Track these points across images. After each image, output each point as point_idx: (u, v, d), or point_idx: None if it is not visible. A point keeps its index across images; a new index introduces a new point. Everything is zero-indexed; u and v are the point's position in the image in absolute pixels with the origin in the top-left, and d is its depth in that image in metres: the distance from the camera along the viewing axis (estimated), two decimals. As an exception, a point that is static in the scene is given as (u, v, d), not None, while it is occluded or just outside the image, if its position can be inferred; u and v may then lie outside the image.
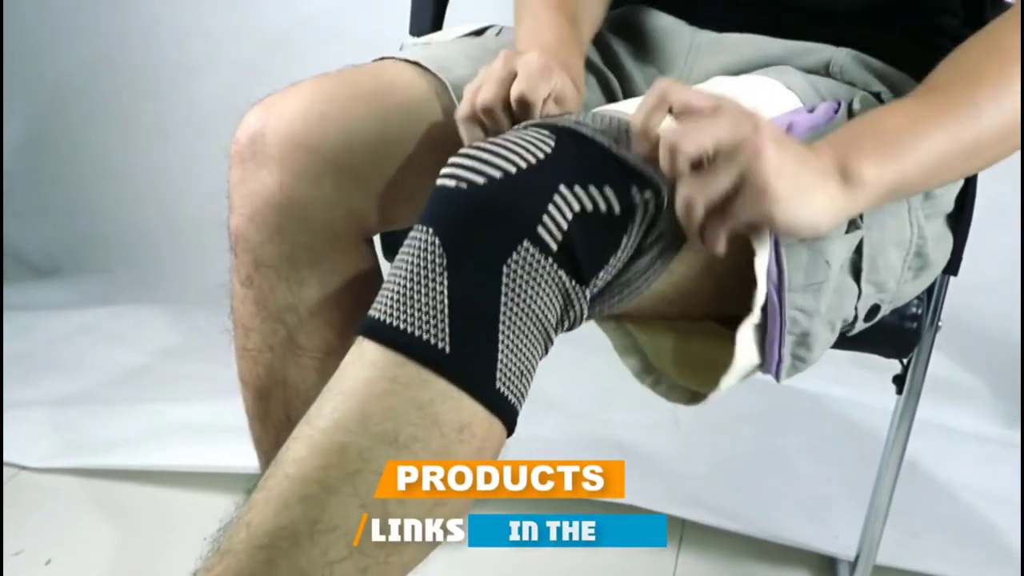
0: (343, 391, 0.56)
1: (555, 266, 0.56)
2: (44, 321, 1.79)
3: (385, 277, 0.60)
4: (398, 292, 0.56)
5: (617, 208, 0.57)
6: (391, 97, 0.82)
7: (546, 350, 0.59)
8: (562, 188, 0.56)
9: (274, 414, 0.84)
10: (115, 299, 1.92)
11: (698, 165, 0.57)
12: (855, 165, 0.61)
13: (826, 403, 1.64)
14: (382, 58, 0.86)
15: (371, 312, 0.57)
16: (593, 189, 0.57)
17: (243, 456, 0.89)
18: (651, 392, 0.80)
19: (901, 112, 0.65)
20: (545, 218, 0.55)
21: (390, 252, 0.99)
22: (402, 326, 0.55)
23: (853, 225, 0.69)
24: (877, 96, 0.78)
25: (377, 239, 0.89)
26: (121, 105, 2.02)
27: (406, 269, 0.56)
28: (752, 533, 1.26)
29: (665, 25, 0.91)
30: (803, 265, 0.66)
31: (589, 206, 0.56)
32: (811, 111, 0.72)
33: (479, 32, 0.92)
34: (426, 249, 0.56)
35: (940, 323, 0.93)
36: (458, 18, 1.02)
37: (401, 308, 0.55)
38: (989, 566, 1.27)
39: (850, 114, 0.74)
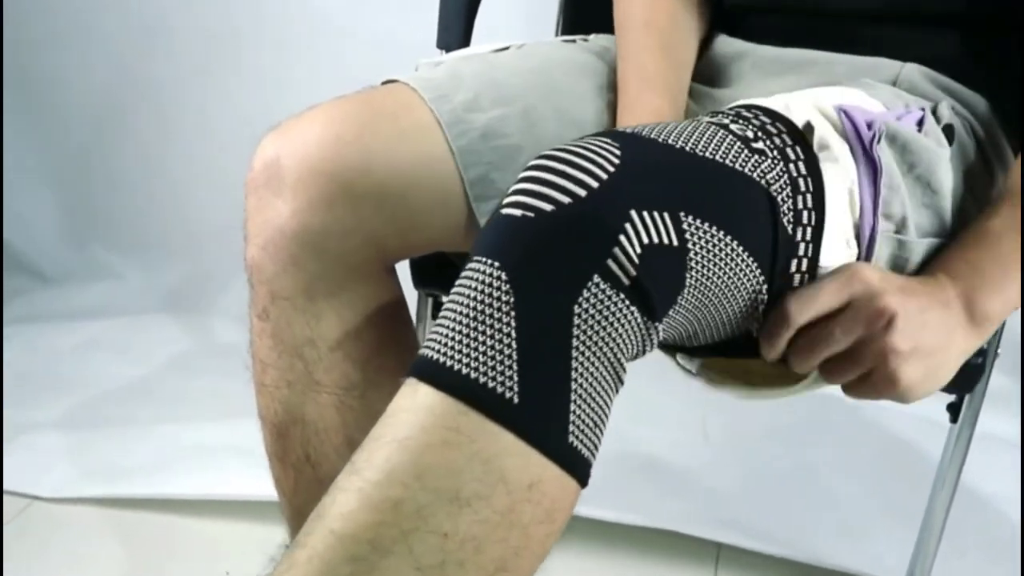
0: (396, 439, 0.50)
1: (627, 302, 0.51)
2: (50, 334, 1.75)
3: (414, 308, 0.56)
4: (458, 331, 0.50)
5: (676, 241, 0.52)
6: (409, 116, 0.78)
7: (617, 390, 0.54)
8: (632, 215, 0.51)
9: (293, 453, 0.80)
10: (124, 308, 1.88)
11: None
12: (983, 304, 0.62)
13: (860, 412, 1.58)
14: (391, 80, 0.83)
15: (425, 351, 0.52)
16: (663, 217, 0.51)
17: (265, 483, 0.84)
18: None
19: (1010, 228, 0.65)
20: (616, 250, 0.50)
21: (420, 282, 0.95)
22: (464, 370, 0.49)
23: None
24: (960, 115, 0.75)
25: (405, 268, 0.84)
26: (128, 107, 1.98)
27: (467, 305, 0.51)
28: (791, 556, 1.21)
29: (726, 47, 0.87)
30: None
31: (656, 238, 0.51)
32: (898, 118, 0.67)
33: (503, 50, 0.88)
34: (491, 284, 0.50)
35: (999, 351, 0.87)
36: (486, 33, 0.98)
37: (462, 349, 0.50)
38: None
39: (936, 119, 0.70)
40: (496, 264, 0.50)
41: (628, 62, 0.83)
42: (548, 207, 0.51)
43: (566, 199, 0.51)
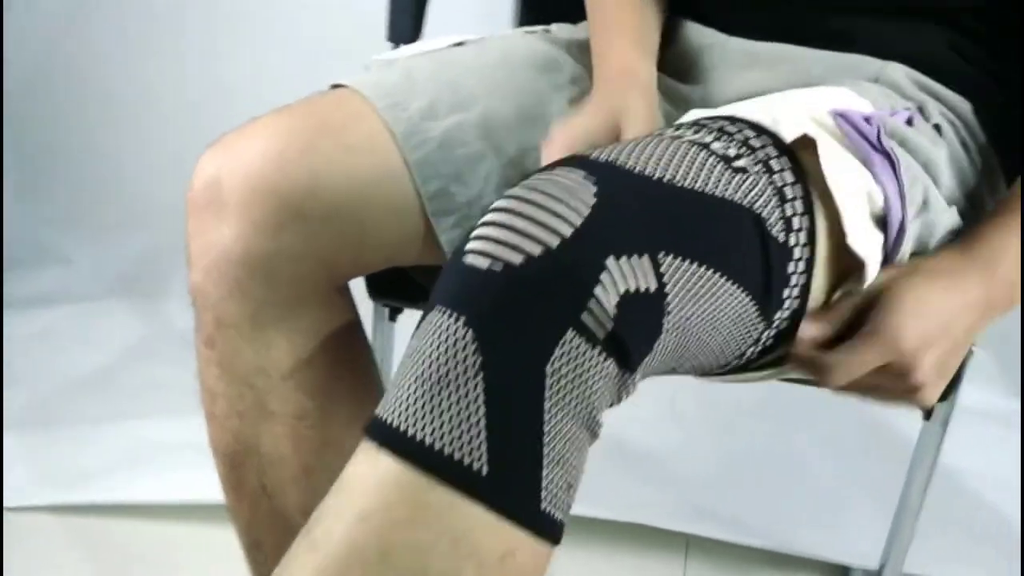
0: (359, 514, 0.47)
1: (602, 356, 0.47)
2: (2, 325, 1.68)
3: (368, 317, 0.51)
4: (420, 394, 0.47)
5: (654, 286, 0.49)
6: (359, 128, 0.74)
7: (592, 443, 0.51)
8: (608, 263, 0.47)
9: (248, 484, 0.77)
10: (75, 294, 1.80)
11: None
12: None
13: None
14: (339, 85, 0.78)
15: (384, 414, 0.48)
16: (641, 261, 0.48)
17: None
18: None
19: None
20: (591, 303, 0.46)
21: (376, 293, 0.91)
22: (428, 439, 0.46)
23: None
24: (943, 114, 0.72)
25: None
26: (69, 85, 1.91)
27: (430, 366, 0.47)
28: (762, 545, 1.20)
29: (695, 38, 0.83)
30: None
31: (633, 286, 0.47)
32: (891, 115, 0.65)
33: (460, 44, 0.83)
34: (455, 344, 0.46)
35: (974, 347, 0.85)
36: (438, 27, 0.93)
37: (426, 416, 0.46)
38: (998, 565, 1.22)
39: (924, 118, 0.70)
40: (462, 319, 0.47)
41: (596, 12, 0.80)
42: (518, 258, 0.47)
43: (537, 249, 0.47)
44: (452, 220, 0.75)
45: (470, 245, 0.48)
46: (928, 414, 0.92)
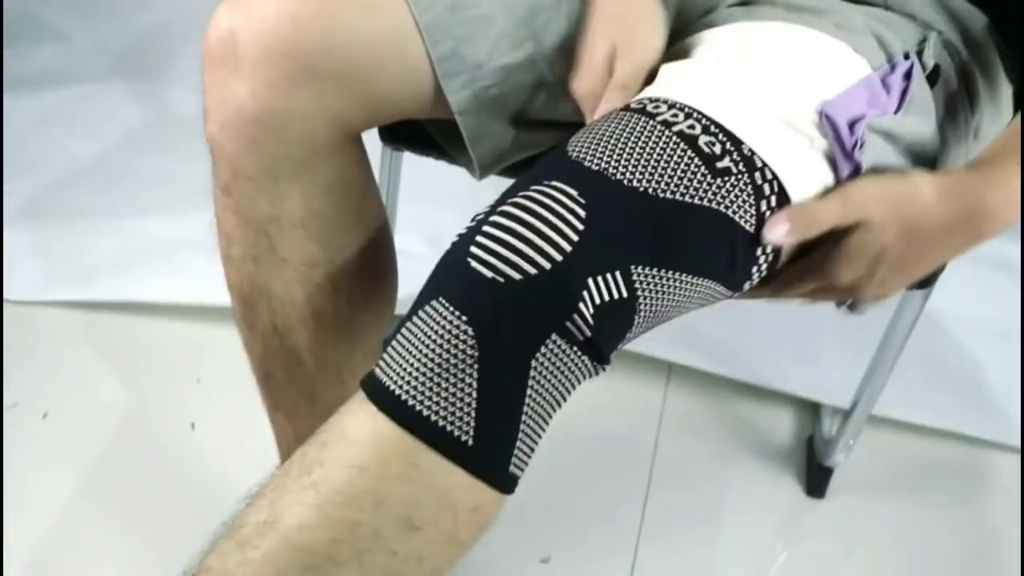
0: (358, 466, 0.55)
1: (579, 353, 0.56)
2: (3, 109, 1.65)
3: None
4: (422, 372, 0.55)
5: (626, 293, 0.56)
6: None
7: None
8: (589, 282, 0.55)
9: (261, 322, 0.82)
10: (73, 75, 1.76)
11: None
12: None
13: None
14: None
15: (387, 382, 0.56)
16: (615, 276, 0.55)
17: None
18: None
19: None
20: (575, 315, 0.55)
21: (388, 137, 0.93)
22: (425, 411, 0.55)
23: None
24: (946, 42, 0.70)
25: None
26: None
27: (432, 350, 0.55)
28: (739, 377, 1.27)
29: None
30: None
31: (608, 296, 0.55)
32: (883, 80, 0.65)
33: None
34: (457, 336, 0.54)
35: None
36: None
37: (425, 392, 0.55)
38: (967, 413, 1.28)
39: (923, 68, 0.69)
40: (464, 318, 0.54)
41: None
42: (516, 275, 0.54)
43: (532, 269, 0.54)
44: (461, 81, 0.76)
45: (474, 250, 0.55)
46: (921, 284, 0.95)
